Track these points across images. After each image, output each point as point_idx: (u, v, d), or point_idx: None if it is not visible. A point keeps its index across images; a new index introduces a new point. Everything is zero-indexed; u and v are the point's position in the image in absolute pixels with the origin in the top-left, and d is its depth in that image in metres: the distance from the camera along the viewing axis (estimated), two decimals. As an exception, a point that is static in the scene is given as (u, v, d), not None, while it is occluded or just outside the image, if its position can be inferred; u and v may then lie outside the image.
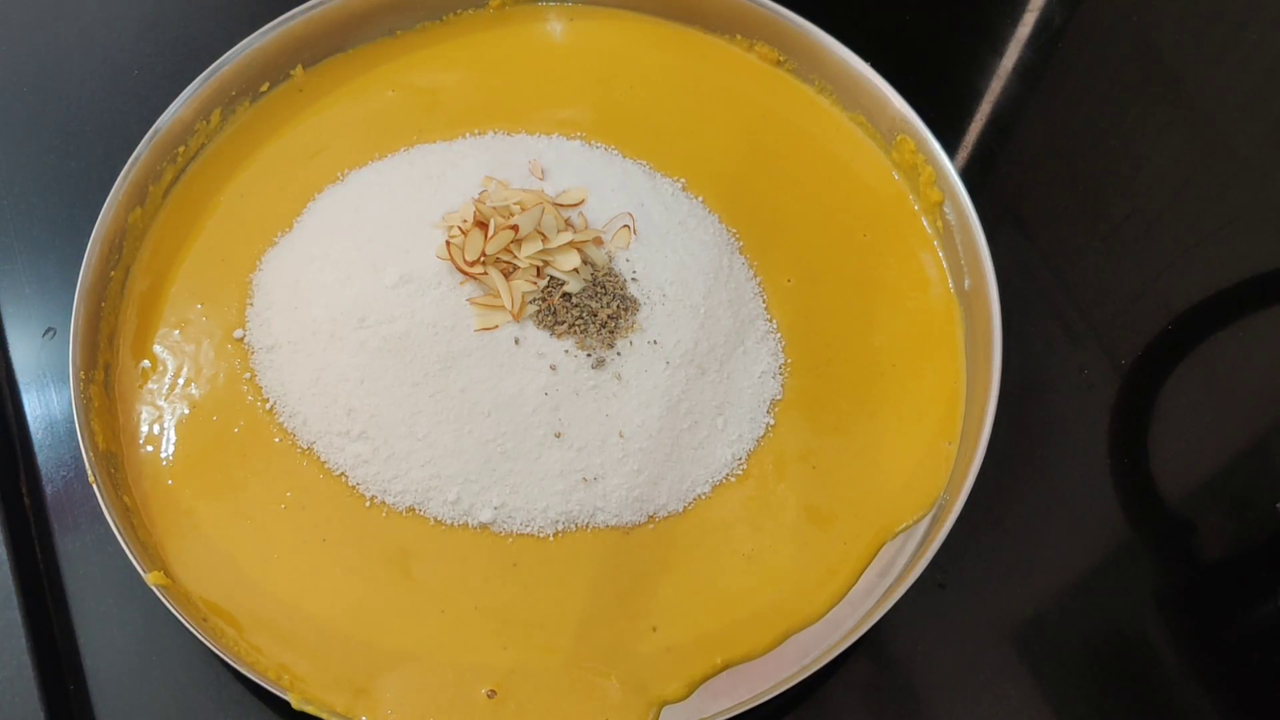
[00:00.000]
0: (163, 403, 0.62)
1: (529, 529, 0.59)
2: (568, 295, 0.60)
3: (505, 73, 0.75)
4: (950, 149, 0.70)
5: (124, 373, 0.63)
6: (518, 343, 0.59)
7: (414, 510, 0.59)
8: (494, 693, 0.55)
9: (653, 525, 0.60)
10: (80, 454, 0.58)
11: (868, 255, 0.69)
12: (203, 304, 0.65)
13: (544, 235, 0.60)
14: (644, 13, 0.77)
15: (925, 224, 0.70)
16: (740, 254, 0.68)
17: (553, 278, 0.61)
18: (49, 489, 0.63)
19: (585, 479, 0.59)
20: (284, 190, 0.69)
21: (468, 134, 0.71)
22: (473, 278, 0.60)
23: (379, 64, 0.75)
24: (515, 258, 0.60)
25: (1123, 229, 0.75)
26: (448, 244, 0.60)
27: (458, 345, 0.59)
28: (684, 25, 0.77)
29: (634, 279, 0.62)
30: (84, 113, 0.76)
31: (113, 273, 0.64)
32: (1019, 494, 0.65)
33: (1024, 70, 0.82)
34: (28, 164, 0.74)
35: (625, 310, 0.61)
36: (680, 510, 0.60)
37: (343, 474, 0.60)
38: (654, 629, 0.57)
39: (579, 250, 0.61)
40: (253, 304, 0.65)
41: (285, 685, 0.54)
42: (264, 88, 0.72)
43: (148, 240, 0.67)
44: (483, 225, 0.61)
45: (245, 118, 0.72)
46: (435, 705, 0.55)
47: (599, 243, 0.63)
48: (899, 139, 0.70)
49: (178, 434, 0.61)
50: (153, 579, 0.55)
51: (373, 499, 0.60)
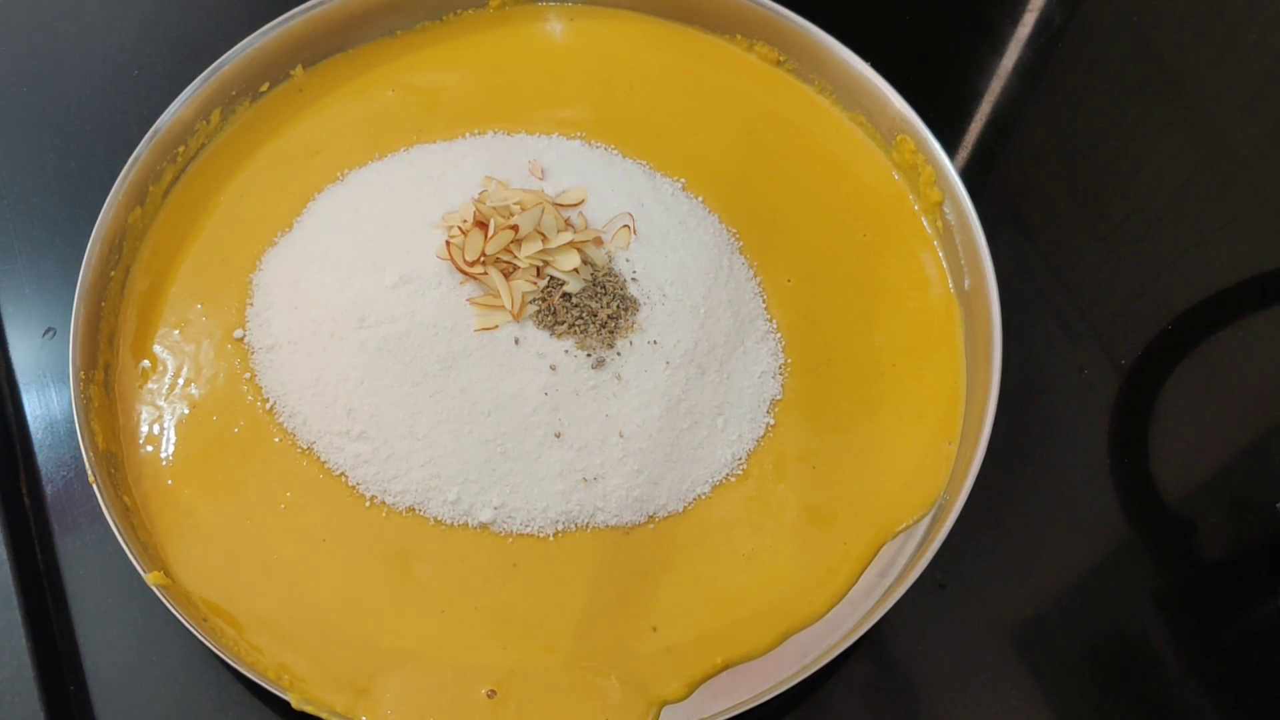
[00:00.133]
0: (163, 403, 0.62)
1: (529, 529, 0.59)
2: (568, 295, 0.60)
3: (505, 73, 0.75)
4: (950, 149, 0.70)
5: (124, 373, 0.63)
6: (518, 343, 0.59)
7: (414, 510, 0.59)
8: (494, 693, 0.55)
9: (653, 525, 0.60)
10: (80, 454, 0.58)
11: (868, 255, 0.69)
12: (203, 304, 0.65)
13: (544, 235, 0.60)
14: (644, 13, 0.77)
15: (925, 224, 0.70)
16: (740, 254, 0.68)
17: (553, 278, 0.61)
18: (49, 489, 0.63)
19: (585, 479, 0.59)
20: (284, 190, 0.69)
21: (468, 134, 0.71)
22: (473, 278, 0.60)
23: (379, 64, 0.75)
24: (515, 258, 0.60)
25: (1123, 229, 0.75)
26: (448, 244, 0.60)
27: (458, 345, 0.59)
28: (684, 25, 0.77)
29: (634, 279, 0.62)
30: (84, 113, 0.76)
31: (113, 273, 0.64)
32: (1019, 494, 0.65)
33: (1024, 70, 0.82)
34: (28, 164, 0.74)
35: (625, 310, 0.61)
36: (680, 510, 0.60)
37: (342, 474, 0.60)
38: (654, 629, 0.57)
39: (579, 250, 0.61)
40: (253, 304, 0.65)
41: (285, 685, 0.54)
42: (264, 88, 0.72)
43: (148, 240, 0.67)
44: (483, 225, 0.61)
45: (245, 118, 0.72)
46: (435, 705, 0.55)
47: (599, 243, 0.63)
48: (899, 139, 0.70)
49: (178, 434, 0.61)
50: (153, 579, 0.55)
51: (373, 499, 0.60)
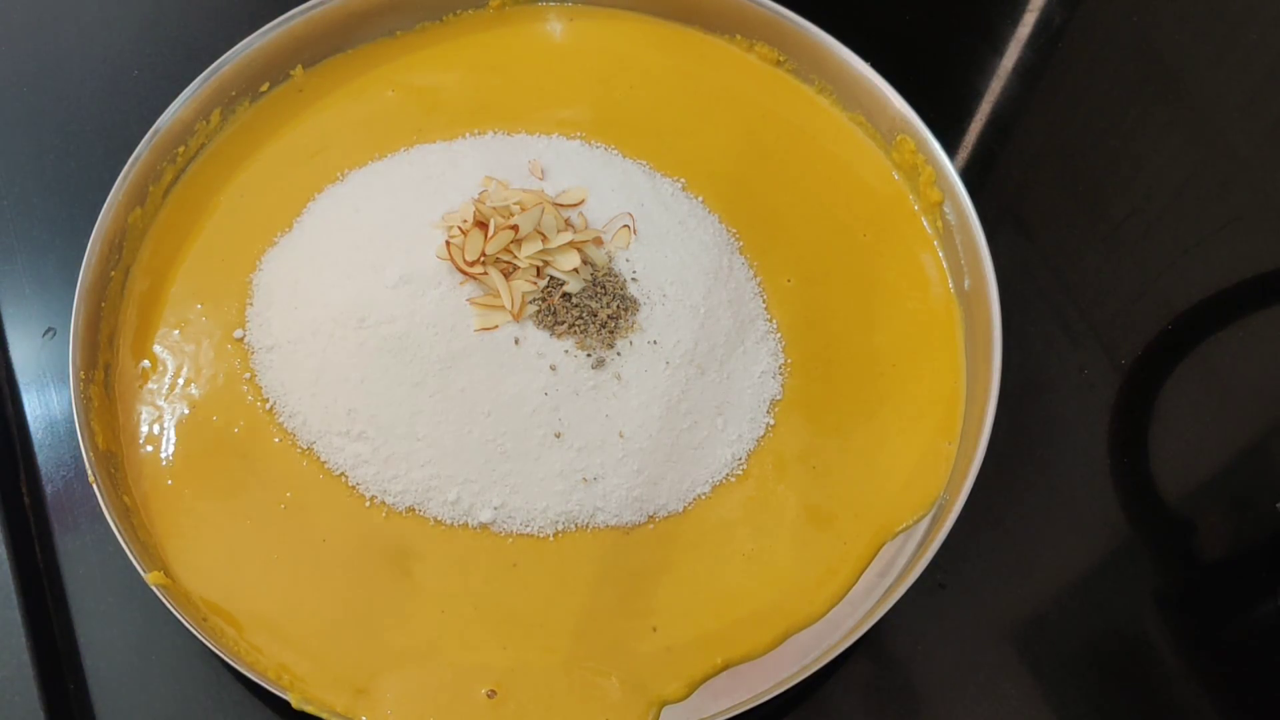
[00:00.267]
0: (163, 403, 0.62)
1: (529, 529, 0.59)
2: (568, 295, 0.60)
3: (505, 73, 0.75)
4: (950, 149, 0.70)
5: (124, 373, 0.63)
6: (518, 343, 0.59)
7: (414, 510, 0.59)
8: (494, 693, 0.55)
9: (653, 525, 0.60)
10: (80, 454, 0.58)
11: (868, 255, 0.69)
12: (203, 304, 0.65)
13: (544, 235, 0.60)
14: (644, 13, 0.77)
15: (925, 224, 0.70)
16: (740, 254, 0.68)
17: (553, 278, 0.61)
18: (49, 489, 0.63)
19: (585, 479, 0.59)
20: (284, 190, 0.69)
21: (468, 134, 0.71)
22: (473, 278, 0.60)
23: (379, 64, 0.75)
24: (515, 258, 0.60)
25: (1123, 229, 0.75)
26: (448, 244, 0.60)
27: (458, 345, 0.59)
28: (684, 25, 0.77)
29: (634, 279, 0.62)
30: (84, 113, 0.76)
31: (113, 273, 0.64)
32: (1019, 494, 0.65)
33: (1024, 70, 0.82)
34: (28, 164, 0.74)
35: (625, 310, 0.61)
36: (680, 510, 0.60)
37: (342, 474, 0.60)
38: (654, 629, 0.57)
39: (579, 250, 0.61)
40: (253, 304, 0.65)
41: (285, 685, 0.54)
42: (264, 88, 0.72)
43: (148, 240, 0.67)
44: (483, 225, 0.61)
45: (245, 118, 0.72)
46: (435, 705, 0.55)
47: (599, 243, 0.63)
48: (899, 139, 0.70)
49: (178, 434, 0.61)
50: (153, 579, 0.55)
51: (373, 499, 0.60)
